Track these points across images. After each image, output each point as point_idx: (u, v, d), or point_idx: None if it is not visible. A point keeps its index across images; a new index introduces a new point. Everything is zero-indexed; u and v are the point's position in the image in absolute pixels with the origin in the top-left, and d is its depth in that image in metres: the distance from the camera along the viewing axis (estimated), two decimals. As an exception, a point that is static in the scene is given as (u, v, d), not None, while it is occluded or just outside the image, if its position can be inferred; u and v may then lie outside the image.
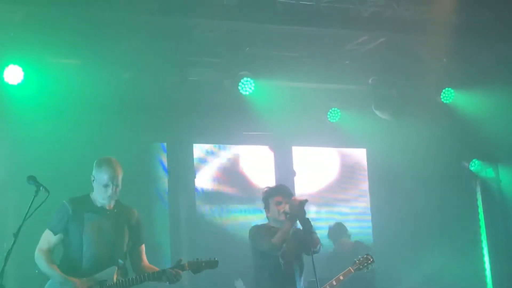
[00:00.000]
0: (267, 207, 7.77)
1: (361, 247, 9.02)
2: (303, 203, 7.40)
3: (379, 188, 11.16)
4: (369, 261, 7.68)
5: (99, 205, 6.62)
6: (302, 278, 7.65)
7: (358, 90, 10.47)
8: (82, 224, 6.59)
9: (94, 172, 6.56)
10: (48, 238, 6.57)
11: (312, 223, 7.53)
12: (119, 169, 6.56)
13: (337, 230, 9.43)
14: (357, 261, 7.69)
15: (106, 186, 6.53)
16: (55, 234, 6.57)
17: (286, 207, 7.49)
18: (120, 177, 6.56)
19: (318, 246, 7.56)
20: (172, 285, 6.77)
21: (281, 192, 7.73)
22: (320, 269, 7.47)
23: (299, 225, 7.48)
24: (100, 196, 6.57)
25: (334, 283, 7.57)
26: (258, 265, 7.69)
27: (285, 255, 7.53)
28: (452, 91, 10.32)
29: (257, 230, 7.71)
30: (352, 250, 8.21)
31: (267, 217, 7.81)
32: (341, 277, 7.61)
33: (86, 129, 9.06)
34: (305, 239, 7.38)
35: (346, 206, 11.23)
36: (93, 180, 6.59)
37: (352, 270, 7.65)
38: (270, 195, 7.75)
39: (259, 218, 10.03)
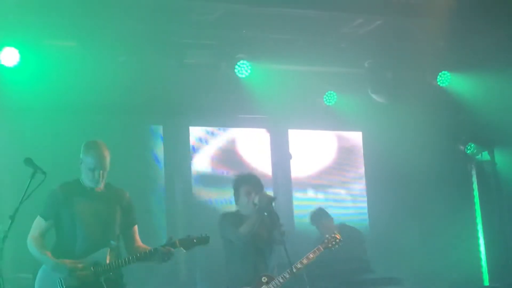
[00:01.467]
0: (236, 195, 7.89)
1: (346, 229, 9.06)
2: (271, 199, 7.56)
3: (375, 171, 11.18)
4: (337, 240, 7.82)
5: (88, 188, 6.66)
6: (272, 260, 7.81)
7: (354, 73, 10.48)
8: (73, 208, 6.61)
9: (81, 155, 6.58)
10: (39, 225, 6.60)
11: (307, 204, 7.66)
12: (106, 152, 6.57)
13: (318, 214, 9.47)
14: (325, 240, 7.82)
15: (93, 169, 6.55)
16: (46, 220, 6.60)
17: (256, 199, 7.61)
18: (107, 160, 6.55)
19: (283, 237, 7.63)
20: (167, 264, 6.80)
21: (250, 182, 7.85)
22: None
23: None
24: (88, 179, 6.59)
25: (305, 261, 7.66)
26: (229, 250, 7.82)
27: (255, 241, 7.65)
28: (448, 74, 10.40)
29: (224, 218, 7.89)
30: (335, 232, 8.27)
31: (236, 204, 7.93)
32: (311, 255, 7.69)
33: (82, 111, 9.08)
34: (273, 229, 7.58)
35: (342, 188, 11.25)
36: (81, 163, 6.62)
37: (322, 249, 7.77)
38: (240, 184, 7.87)
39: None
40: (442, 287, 9.30)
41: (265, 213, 7.60)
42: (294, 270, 7.50)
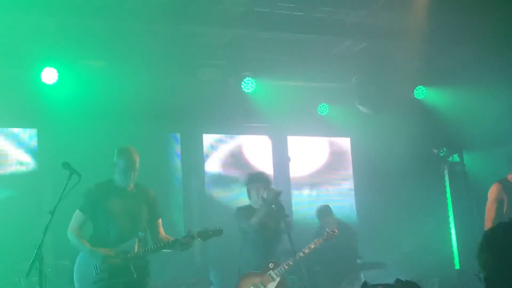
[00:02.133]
0: (248, 191, 8.00)
1: (343, 225, 9.08)
2: (278, 193, 7.67)
3: (361, 171, 11.15)
4: (335, 234, 7.95)
5: (120, 187, 6.65)
6: (279, 248, 7.88)
7: (344, 87, 10.41)
8: (107, 204, 6.63)
9: (115, 159, 6.61)
10: (78, 217, 6.62)
11: (304, 201, 7.69)
12: (136, 156, 6.61)
13: (324, 211, 9.45)
14: (325, 234, 7.91)
15: (125, 171, 6.58)
16: (83, 213, 6.62)
17: (264, 194, 7.64)
18: (137, 163, 6.59)
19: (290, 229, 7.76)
20: (183, 252, 6.93)
21: (260, 179, 7.96)
22: (308, 242, 7.77)
23: None
24: (120, 180, 6.61)
25: (306, 251, 7.70)
26: (242, 239, 7.86)
27: (264, 231, 7.63)
28: (423, 88, 10.43)
29: (238, 212, 7.99)
30: (335, 227, 8.31)
31: (249, 199, 7.99)
32: (312, 246, 7.74)
33: (111, 121, 9.02)
34: (280, 219, 7.68)
35: (333, 187, 11.19)
36: (115, 166, 6.62)
37: (321, 240, 7.83)
38: (251, 181, 7.99)
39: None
40: (419, 270, 9.20)
41: (273, 206, 7.62)
42: (297, 258, 7.52)
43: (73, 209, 6.64)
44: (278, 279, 7.54)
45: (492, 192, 7.91)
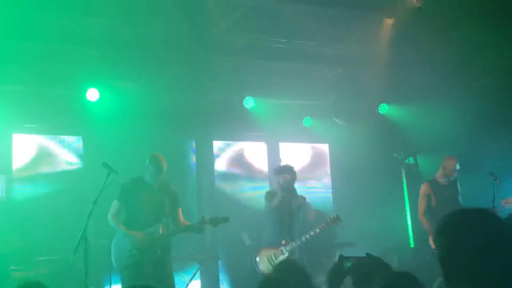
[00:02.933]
0: (271, 180, 7.98)
1: (320, 214, 9.00)
2: (293, 180, 7.75)
3: (337, 170, 11.14)
4: (338, 221, 7.79)
5: (149, 183, 6.68)
6: (293, 229, 7.73)
7: (324, 104, 10.45)
8: (138, 196, 6.65)
9: (147, 162, 6.65)
10: (115, 205, 6.69)
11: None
12: (164, 163, 6.68)
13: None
14: (329, 220, 7.77)
15: (154, 175, 6.63)
16: (119, 202, 6.64)
17: (282, 182, 7.64)
18: (164, 168, 6.67)
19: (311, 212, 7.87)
20: (198, 234, 7.12)
21: (288, 170, 7.91)
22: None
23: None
24: (150, 178, 6.65)
25: (312, 233, 7.64)
26: (266, 218, 7.91)
27: (283, 212, 7.63)
28: (386, 105, 10.42)
29: (266, 195, 8.04)
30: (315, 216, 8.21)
31: (277, 185, 7.95)
32: (317, 230, 7.66)
33: (141, 129, 9.02)
34: (292, 200, 7.66)
35: (315, 181, 11.18)
36: (146, 168, 6.64)
37: (326, 225, 7.72)
38: (281, 171, 7.95)
39: (258, 190, 10.17)
40: (383, 248, 9.18)
41: (288, 192, 7.65)
42: (304, 240, 7.53)
43: (111, 199, 6.65)
44: (287, 254, 7.52)
45: (422, 189, 8.23)
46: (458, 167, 8.09)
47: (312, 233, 7.61)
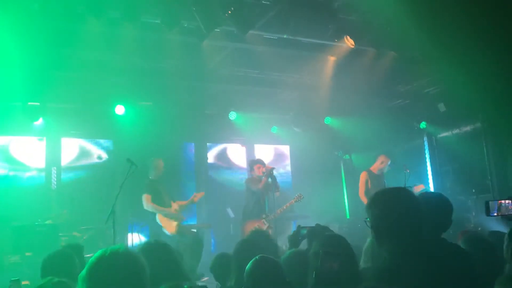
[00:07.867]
0: (252, 169, 7.78)
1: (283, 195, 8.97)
2: (272, 168, 7.55)
3: (295, 164, 11.16)
4: (301, 198, 7.69)
5: (154, 179, 6.98)
6: (270, 205, 7.61)
7: (286, 118, 10.43)
8: (157, 187, 6.88)
9: (150, 166, 7.01)
10: (147, 197, 6.99)
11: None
12: (161, 164, 7.07)
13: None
14: (295, 197, 7.67)
15: (155, 174, 6.75)
16: (149, 193, 6.97)
17: (264, 170, 7.54)
18: (162, 168, 7.07)
19: (279, 189, 7.65)
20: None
21: (260, 162, 7.83)
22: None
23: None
24: (153, 177, 6.88)
25: (284, 207, 7.56)
26: (249, 197, 7.67)
27: (263, 193, 7.56)
28: (330, 118, 10.38)
29: (249, 180, 7.78)
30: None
31: (251, 174, 7.78)
32: (288, 204, 7.59)
33: (154, 136, 8.90)
34: (272, 185, 7.46)
35: (280, 170, 11.09)
36: (150, 169, 7.02)
37: (293, 202, 7.65)
38: (254, 163, 7.83)
39: (238, 178, 10.11)
40: (327, 218, 9.16)
41: (269, 178, 7.46)
42: (278, 213, 7.44)
43: (133, 184, 6.48)
44: (267, 224, 7.44)
45: (361, 176, 8.37)
46: (389, 162, 8.43)
47: (284, 207, 7.51)
